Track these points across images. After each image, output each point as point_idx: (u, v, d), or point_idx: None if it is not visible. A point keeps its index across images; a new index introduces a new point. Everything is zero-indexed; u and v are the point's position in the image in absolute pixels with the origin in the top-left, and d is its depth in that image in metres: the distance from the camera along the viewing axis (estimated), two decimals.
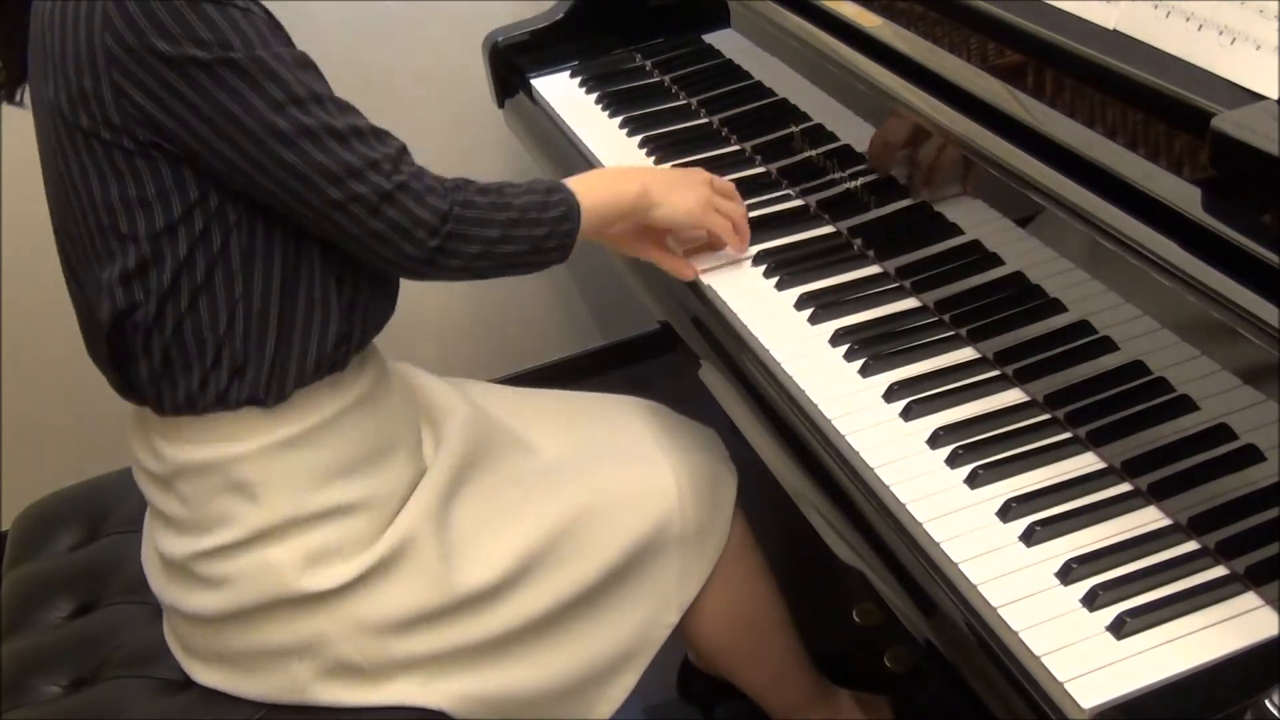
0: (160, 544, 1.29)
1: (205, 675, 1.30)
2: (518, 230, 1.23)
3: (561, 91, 1.92)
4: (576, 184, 1.31)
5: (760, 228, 1.53)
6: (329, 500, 1.24)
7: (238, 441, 1.21)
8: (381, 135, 1.16)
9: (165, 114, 1.08)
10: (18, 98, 1.24)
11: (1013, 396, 1.23)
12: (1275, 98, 1.05)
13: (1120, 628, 0.99)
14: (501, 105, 2.01)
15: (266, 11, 1.13)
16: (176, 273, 1.15)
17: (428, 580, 1.27)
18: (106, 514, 1.56)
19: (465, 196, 1.19)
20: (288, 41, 1.13)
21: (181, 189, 1.13)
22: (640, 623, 1.37)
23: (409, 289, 1.31)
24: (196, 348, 1.18)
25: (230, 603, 1.24)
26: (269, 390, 1.20)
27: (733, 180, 1.63)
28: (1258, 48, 1.09)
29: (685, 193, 1.39)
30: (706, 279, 1.46)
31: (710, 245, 1.48)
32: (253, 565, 1.23)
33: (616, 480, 1.38)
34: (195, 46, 1.06)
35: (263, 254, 1.17)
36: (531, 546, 1.31)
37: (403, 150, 1.17)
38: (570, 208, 1.28)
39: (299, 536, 1.23)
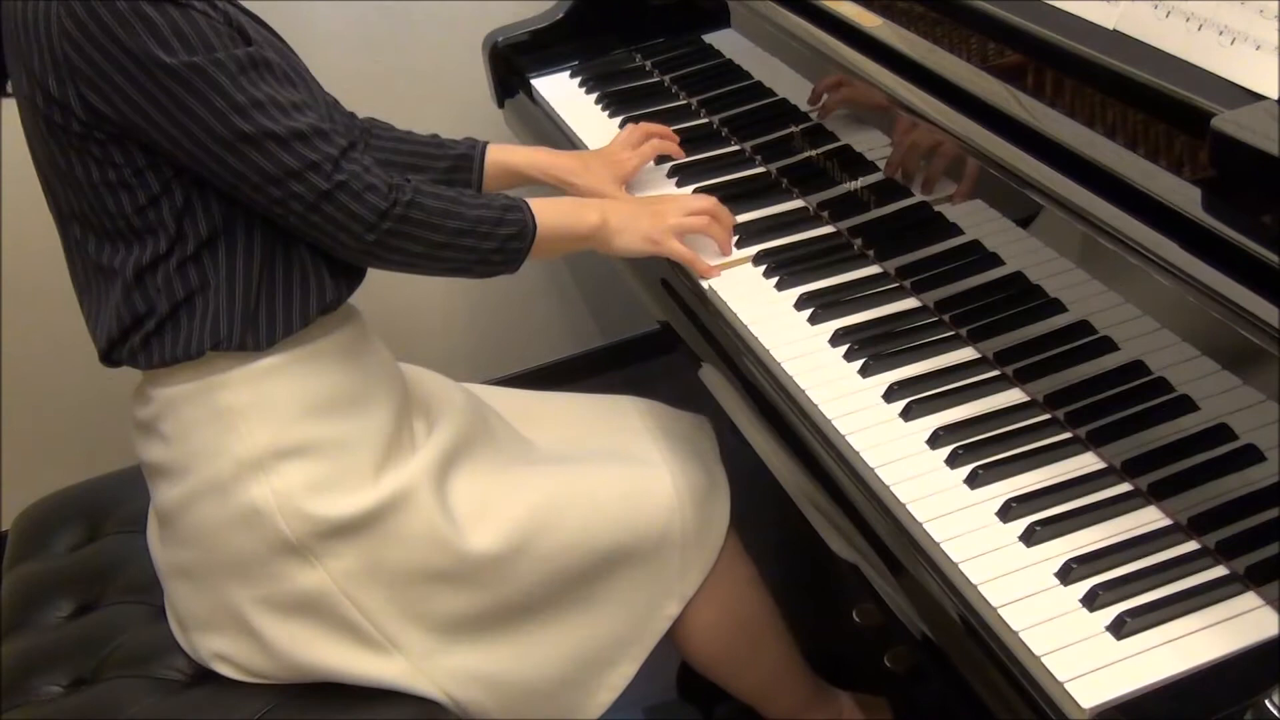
0: (154, 500, 1.33)
1: (205, 644, 1.31)
2: (464, 240, 1.28)
3: (561, 91, 1.91)
4: (538, 204, 1.35)
5: (760, 228, 1.53)
6: (307, 434, 1.27)
7: (218, 370, 1.25)
8: (325, 134, 1.20)
9: (120, 115, 1.14)
10: (8, 89, 1.26)
11: (1013, 396, 1.23)
12: (1275, 98, 1.05)
13: (1120, 628, 0.99)
14: (501, 105, 2.01)
15: (215, 6, 1.16)
16: (171, 243, 1.20)
17: (431, 540, 1.29)
18: (106, 514, 1.56)
19: (413, 198, 1.24)
20: (237, 40, 1.17)
21: (157, 169, 1.19)
22: (639, 611, 1.38)
23: (410, 290, 1.32)
24: (187, 311, 1.23)
25: (223, 554, 1.27)
26: (253, 341, 1.24)
27: (732, 180, 1.64)
28: (1258, 48, 1.09)
29: (645, 222, 1.43)
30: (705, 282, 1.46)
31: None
32: (239, 509, 1.25)
33: (616, 475, 1.39)
34: (138, 51, 1.11)
35: (243, 223, 1.23)
36: (531, 521, 1.33)
37: (346, 149, 1.21)
38: (524, 228, 1.32)
39: (279, 473, 1.25)
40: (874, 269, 1.44)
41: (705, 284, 1.44)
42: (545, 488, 1.36)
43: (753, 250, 1.48)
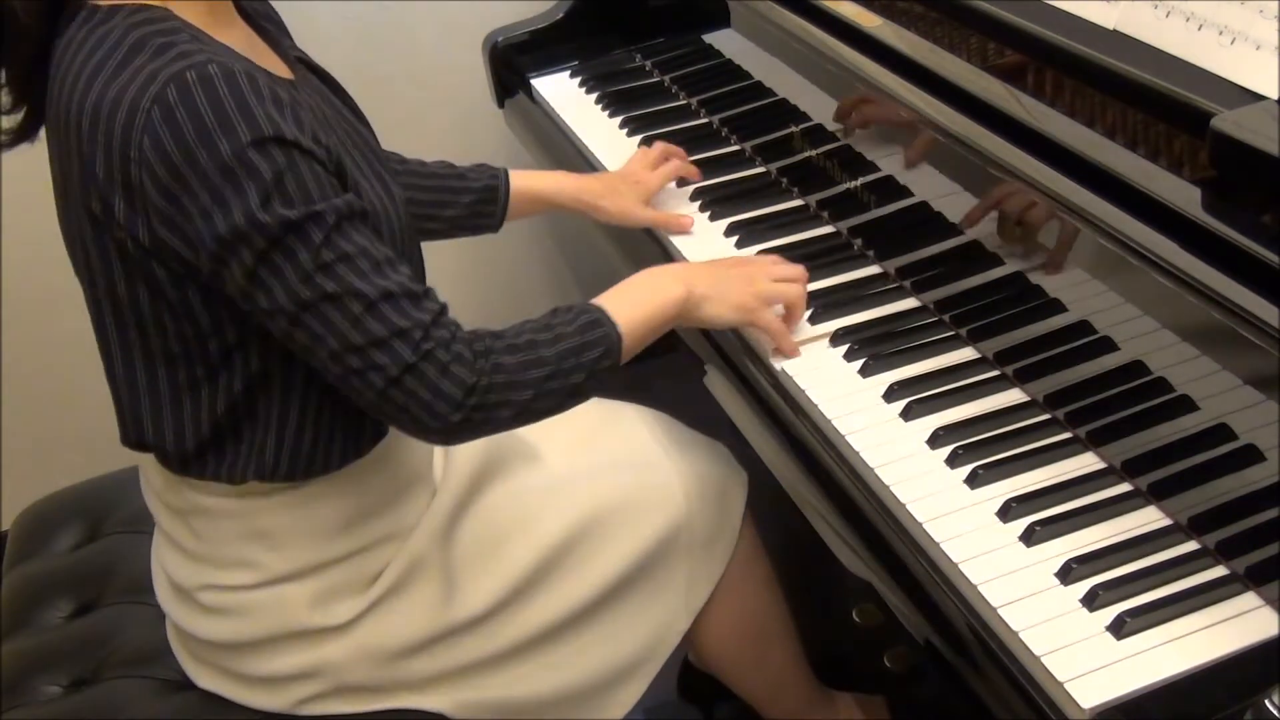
0: (169, 569, 1.27)
1: (207, 681, 1.29)
2: (552, 384, 1.13)
3: (561, 91, 1.91)
4: (614, 303, 1.21)
5: (760, 228, 1.53)
6: (348, 546, 1.22)
7: (259, 494, 1.18)
8: (416, 298, 1.06)
9: (195, 258, 1.02)
10: (33, 138, 1.14)
11: (1013, 396, 1.23)
12: (1275, 98, 1.05)
13: (1120, 628, 0.99)
14: (501, 105, 2.01)
15: (320, 141, 1.03)
16: (217, 374, 1.11)
17: (431, 604, 1.26)
18: (106, 514, 1.56)
19: (495, 361, 1.10)
20: (337, 186, 1.04)
21: (212, 308, 1.07)
22: (650, 631, 1.36)
23: None
24: (233, 442, 1.14)
25: (237, 632, 1.23)
26: (301, 474, 1.17)
27: (733, 180, 1.64)
28: (1258, 48, 1.09)
29: (735, 288, 1.29)
30: None
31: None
32: (264, 600, 1.22)
33: (623, 489, 1.36)
34: (232, 202, 0.98)
35: (299, 362, 1.11)
36: (537, 562, 1.30)
37: (439, 314, 1.08)
38: (610, 345, 1.17)
39: (315, 578, 1.22)
40: (874, 269, 1.44)
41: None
42: (552, 530, 1.31)
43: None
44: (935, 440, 1.19)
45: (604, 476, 1.38)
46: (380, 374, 1.04)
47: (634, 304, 1.22)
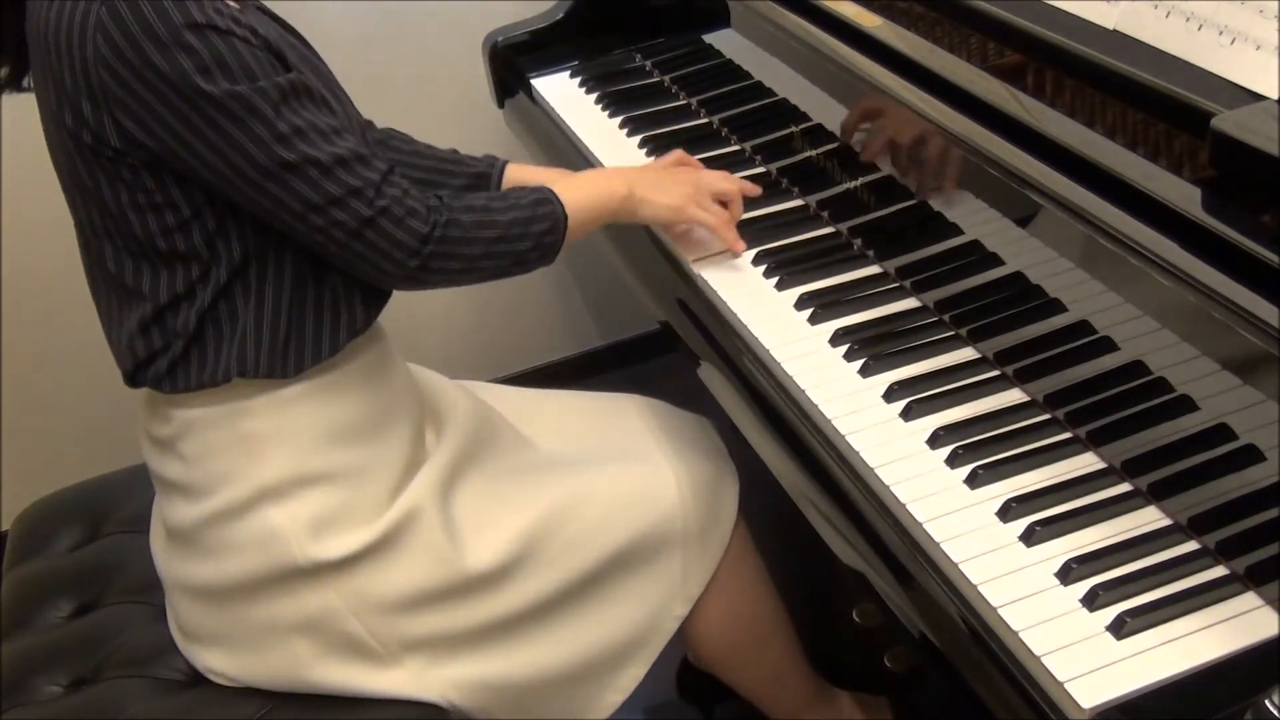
0: (166, 515, 1.31)
1: (205, 658, 1.30)
2: (501, 246, 1.26)
3: (561, 91, 1.91)
4: (563, 188, 1.34)
5: (760, 228, 1.53)
6: (329, 463, 1.26)
7: (243, 397, 1.23)
8: (366, 160, 1.17)
9: (158, 143, 1.12)
10: (25, 84, 1.25)
11: (1013, 396, 1.23)
12: (1275, 98, 1.05)
13: (1120, 628, 0.99)
14: (501, 105, 2.01)
15: (256, 33, 1.13)
16: (203, 269, 1.19)
17: (434, 558, 1.28)
18: (106, 514, 1.56)
19: (449, 216, 1.22)
20: (278, 66, 1.14)
21: (189, 194, 1.16)
22: (647, 613, 1.38)
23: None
24: (215, 338, 1.21)
25: (235, 572, 1.26)
26: (281, 369, 1.23)
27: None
28: (1258, 48, 1.09)
29: (670, 189, 1.43)
30: (702, 272, 1.46)
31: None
32: (256, 531, 1.24)
33: (618, 476, 1.39)
34: (179, 80, 1.08)
35: (274, 250, 1.20)
36: (534, 529, 1.32)
37: (387, 174, 1.19)
38: (556, 220, 1.30)
39: (300, 499, 1.25)
40: (874, 269, 1.44)
41: (704, 285, 1.44)
42: (547, 496, 1.35)
43: (752, 250, 1.48)
44: (935, 440, 1.19)
45: (600, 462, 1.40)
46: (341, 229, 1.16)
47: (581, 192, 1.36)
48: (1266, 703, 0.88)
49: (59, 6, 1.12)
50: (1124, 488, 1.12)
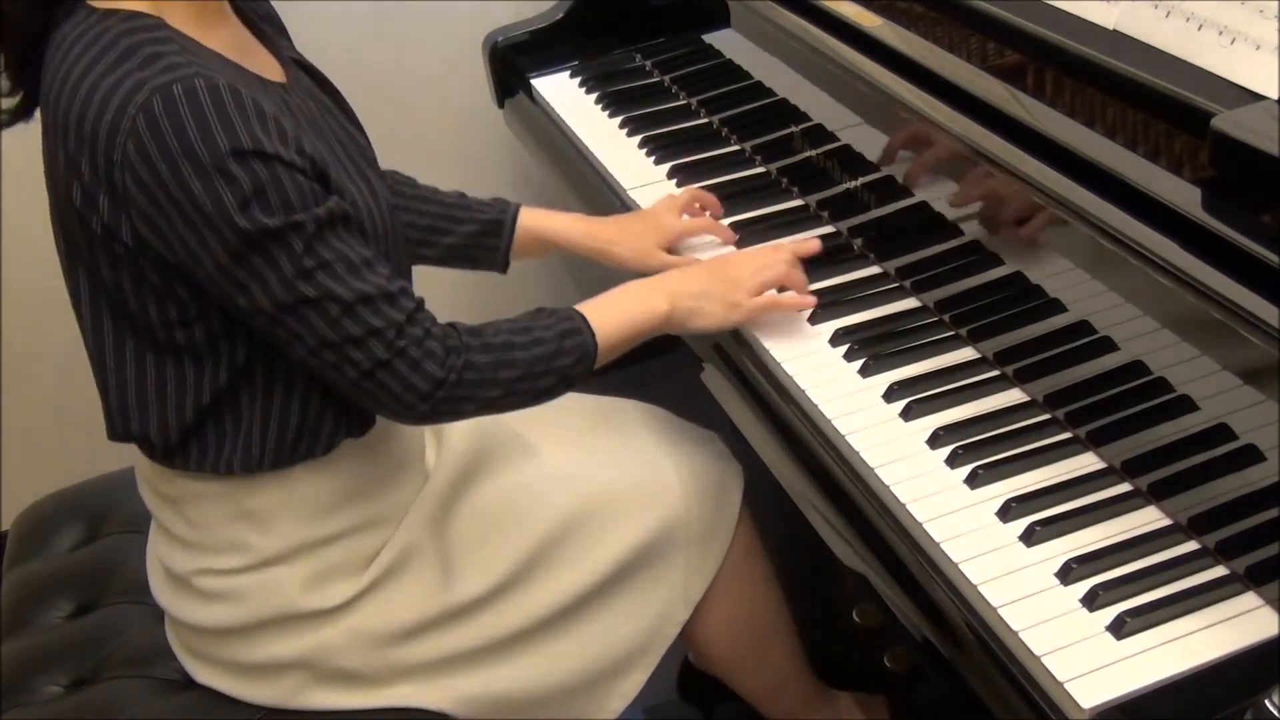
0: (164, 558, 1.28)
1: (206, 676, 1.30)
2: (522, 385, 1.18)
3: (561, 91, 1.91)
4: (596, 311, 1.24)
5: (760, 228, 1.53)
6: (338, 525, 1.24)
7: (250, 477, 1.20)
8: (392, 298, 1.09)
9: (174, 257, 1.06)
10: (28, 119, 1.17)
11: (1013, 396, 1.23)
12: (1275, 98, 1.05)
13: (1120, 628, 0.99)
14: (501, 105, 2.01)
15: (303, 150, 1.06)
16: (202, 364, 1.13)
17: (427, 589, 1.27)
18: (106, 514, 1.56)
19: (467, 359, 1.14)
20: (319, 193, 1.06)
21: (197, 297, 1.10)
22: (649, 620, 1.37)
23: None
24: (215, 433, 1.17)
25: (233, 617, 1.24)
26: (285, 460, 1.19)
27: (733, 180, 1.64)
28: (1258, 48, 1.09)
29: (718, 292, 1.31)
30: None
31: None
32: (257, 583, 1.23)
33: (620, 482, 1.37)
34: (211, 209, 1.01)
35: (282, 355, 1.14)
36: (533, 548, 1.31)
37: (413, 312, 1.11)
38: (585, 351, 1.21)
39: (304, 560, 1.23)
40: (874, 269, 1.44)
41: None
42: (548, 515, 1.33)
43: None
44: (935, 440, 1.19)
45: (601, 470, 1.39)
46: (354, 368, 1.09)
47: (616, 314, 1.25)
48: (1266, 703, 0.88)
49: (90, 81, 1.03)
50: (1124, 488, 1.12)
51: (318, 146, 1.11)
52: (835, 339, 1.34)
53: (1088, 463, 1.15)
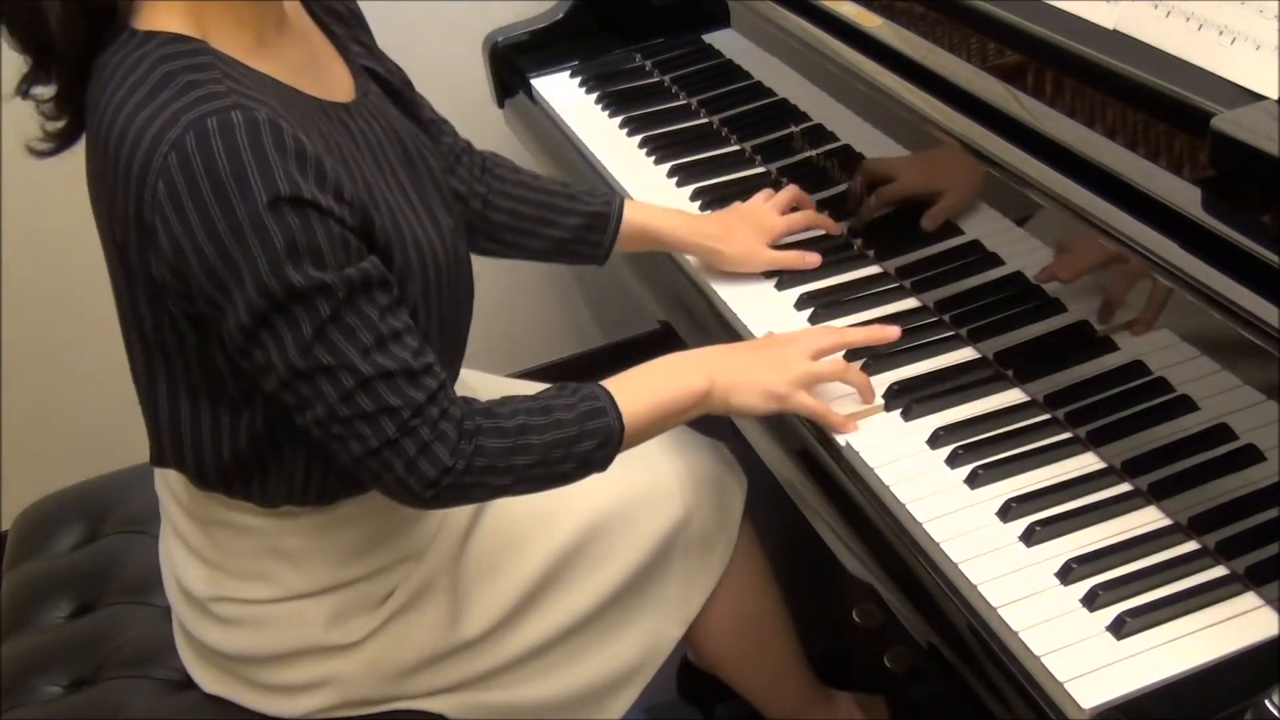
0: (183, 574, 1.25)
1: (213, 685, 1.29)
2: (536, 470, 1.10)
3: (561, 91, 1.91)
4: (626, 390, 1.15)
5: None
6: (369, 566, 1.23)
7: (290, 518, 1.18)
8: (414, 376, 1.03)
9: (193, 306, 1.01)
10: (73, 145, 1.11)
11: (1013, 396, 1.23)
12: (1275, 98, 1.05)
13: (1120, 628, 0.99)
14: (501, 105, 2.01)
15: (342, 196, 0.99)
16: (241, 405, 1.09)
17: (436, 624, 1.26)
18: (106, 514, 1.56)
19: (479, 443, 1.06)
20: (355, 250, 1.00)
21: (225, 348, 1.05)
22: (644, 640, 1.36)
23: None
24: (259, 471, 1.14)
25: (253, 644, 1.23)
26: (329, 497, 1.18)
27: (733, 180, 1.64)
28: (1258, 48, 1.09)
29: (763, 374, 1.21)
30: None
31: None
32: (282, 615, 1.21)
33: (623, 491, 1.35)
34: (240, 262, 0.95)
35: None
36: (540, 576, 1.30)
37: (435, 392, 1.04)
38: (610, 434, 1.13)
39: (332, 597, 1.22)
40: (874, 269, 1.44)
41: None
42: (554, 543, 1.31)
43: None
44: (935, 440, 1.19)
45: (604, 480, 1.38)
46: (360, 443, 1.03)
47: (647, 393, 1.17)
48: (1266, 703, 0.88)
49: (126, 113, 0.98)
50: (1124, 488, 1.12)
51: (369, 184, 1.05)
52: None
53: (1088, 463, 1.15)
